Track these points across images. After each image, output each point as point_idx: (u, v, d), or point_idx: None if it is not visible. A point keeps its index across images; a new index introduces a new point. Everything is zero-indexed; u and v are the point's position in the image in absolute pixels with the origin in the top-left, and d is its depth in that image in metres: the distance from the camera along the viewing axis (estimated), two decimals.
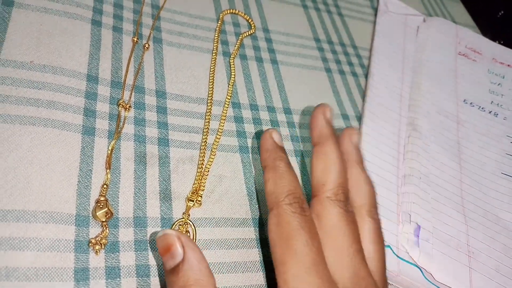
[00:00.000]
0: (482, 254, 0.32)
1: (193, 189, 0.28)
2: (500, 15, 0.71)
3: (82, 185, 0.25)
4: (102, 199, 0.25)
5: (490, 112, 0.44)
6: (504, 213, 0.36)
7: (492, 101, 0.45)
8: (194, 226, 0.26)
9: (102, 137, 0.27)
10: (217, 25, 0.38)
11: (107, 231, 0.24)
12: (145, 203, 0.26)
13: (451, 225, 0.33)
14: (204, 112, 0.32)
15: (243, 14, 0.40)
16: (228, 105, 0.33)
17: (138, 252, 0.24)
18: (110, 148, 0.27)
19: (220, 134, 0.31)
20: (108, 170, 0.26)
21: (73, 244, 0.23)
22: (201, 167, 0.29)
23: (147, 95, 0.31)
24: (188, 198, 0.27)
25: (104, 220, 0.24)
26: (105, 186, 0.25)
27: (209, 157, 0.30)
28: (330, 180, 0.24)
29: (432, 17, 0.52)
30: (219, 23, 0.38)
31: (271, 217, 0.23)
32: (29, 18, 0.30)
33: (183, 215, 0.27)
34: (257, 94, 0.35)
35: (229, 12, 0.40)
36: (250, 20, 0.40)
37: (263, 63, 0.38)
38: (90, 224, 0.24)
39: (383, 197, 0.33)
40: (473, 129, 0.42)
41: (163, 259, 0.22)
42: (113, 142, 0.27)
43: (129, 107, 0.29)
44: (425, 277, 0.30)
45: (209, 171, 0.29)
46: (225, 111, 0.33)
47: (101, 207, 0.24)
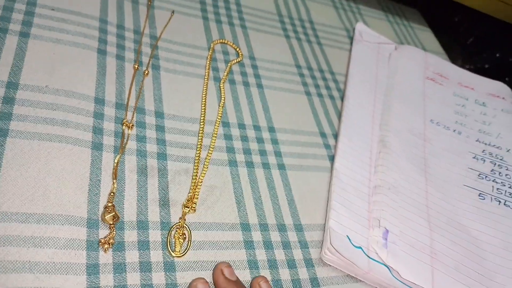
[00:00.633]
0: (443, 255, 0.36)
1: (188, 197, 0.32)
2: (469, 42, 0.78)
3: (92, 193, 0.29)
4: (109, 205, 0.28)
5: (454, 130, 0.49)
6: (465, 220, 0.40)
7: (456, 121, 0.50)
8: (189, 229, 0.30)
9: (108, 152, 0.31)
10: (209, 53, 0.42)
11: (114, 232, 0.28)
12: (147, 209, 0.30)
13: (416, 229, 0.37)
14: (197, 130, 0.36)
15: (231, 43, 0.45)
16: (218, 124, 0.37)
17: (141, 251, 0.28)
18: (116, 161, 0.31)
19: (212, 149, 0.35)
20: (114, 180, 0.30)
21: (85, 243, 0.27)
22: (195, 178, 0.33)
23: (147, 115, 0.35)
24: (184, 205, 0.31)
25: (111, 223, 0.28)
26: (112, 194, 0.29)
27: (202, 170, 0.34)
28: None
29: (403, 45, 0.58)
30: (210, 51, 0.43)
31: None
32: (43, 48, 0.34)
33: (180, 220, 0.30)
34: (245, 114, 0.39)
35: (219, 41, 0.44)
36: (238, 49, 0.45)
37: (250, 87, 0.42)
38: (99, 226, 0.28)
39: (356, 205, 0.37)
40: (439, 146, 0.46)
41: None
42: (119, 156, 0.31)
43: (132, 126, 0.33)
44: (392, 274, 0.34)
45: (202, 182, 0.33)
46: (216, 130, 0.37)
47: (109, 211, 0.28)
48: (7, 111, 0.29)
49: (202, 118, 0.37)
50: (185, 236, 0.30)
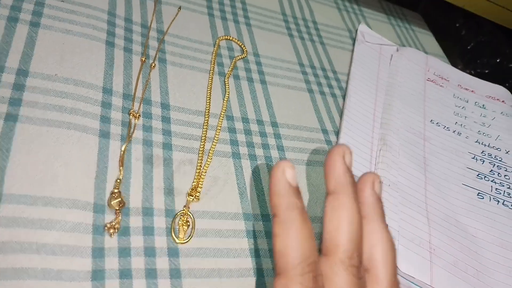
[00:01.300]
0: (442, 251, 0.37)
1: (193, 186, 0.32)
2: (470, 47, 0.79)
3: (99, 179, 0.29)
4: (116, 191, 0.29)
5: (454, 131, 0.50)
6: (463, 217, 0.41)
7: (456, 122, 0.51)
8: (193, 217, 0.31)
9: (116, 140, 0.32)
10: (214, 49, 0.43)
11: (120, 218, 0.28)
12: (152, 196, 0.30)
13: (415, 225, 0.38)
14: (202, 122, 0.37)
15: (236, 40, 0.46)
16: (223, 117, 0.38)
17: (145, 236, 0.29)
18: (122, 149, 0.31)
19: (216, 141, 0.36)
20: (121, 167, 0.30)
21: (91, 227, 0.27)
22: (199, 169, 0.34)
23: (153, 106, 0.35)
24: (188, 193, 0.32)
25: (117, 208, 0.28)
26: (118, 180, 0.30)
27: (206, 161, 0.34)
28: (344, 241, 0.21)
29: (404, 47, 0.58)
30: (216, 47, 0.43)
31: (277, 285, 0.20)
32: (53, 37, 0.35)
33: (184, 208, 0.31)
34: (248, 109, 0.40)
35: (224, 38, 0.45)
36: (242, 45, 0.45)
37: (254, 83, 0.43)
38: (105, 211, 0.28)
39: None
40: (438, 146, 0.47)
41: None
42: (125, 145, 0.32)
43: (139, 116, 0.34)
44: None
45: (206, 172, 0.34)
46: (220, 123, 0.37)
47: (115, 197, 0.29)
48: (17, 97, 0.30)
49: (206, 111, 0.38)
50: (189, 223, 0.30)
